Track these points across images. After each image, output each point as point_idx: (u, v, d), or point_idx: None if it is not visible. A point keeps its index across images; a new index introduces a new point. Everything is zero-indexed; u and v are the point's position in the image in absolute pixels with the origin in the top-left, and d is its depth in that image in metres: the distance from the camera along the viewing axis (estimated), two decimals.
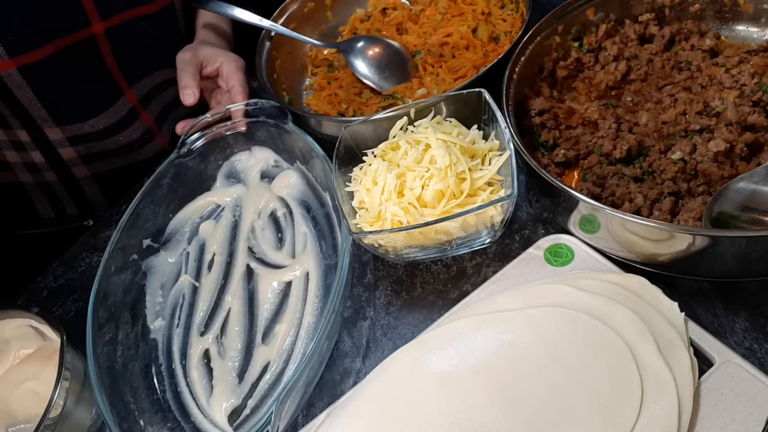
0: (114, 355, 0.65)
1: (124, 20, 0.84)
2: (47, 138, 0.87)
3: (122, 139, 0.92)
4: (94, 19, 0.81)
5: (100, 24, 0.81)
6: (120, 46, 0.86)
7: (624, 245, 0.58)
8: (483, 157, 0.66)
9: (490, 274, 0.65)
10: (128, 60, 0.88)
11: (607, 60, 0.76)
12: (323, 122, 0.79)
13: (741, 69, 0.67)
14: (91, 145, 0.90)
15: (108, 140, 0.91)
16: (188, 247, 0.77)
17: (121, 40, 0.85)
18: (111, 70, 0.87)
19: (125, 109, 0.90)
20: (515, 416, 0.53)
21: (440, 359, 0.58)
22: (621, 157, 0.65)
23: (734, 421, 0.50)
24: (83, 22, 0.80)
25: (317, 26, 0.99)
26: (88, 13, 0.80)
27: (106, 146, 0.91)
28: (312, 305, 0.68)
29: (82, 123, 0.87)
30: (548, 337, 0.56)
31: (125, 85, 0.89)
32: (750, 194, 0.56)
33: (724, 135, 0.62)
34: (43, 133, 0.86)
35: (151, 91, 0.93)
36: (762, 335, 0.56)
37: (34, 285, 0.81)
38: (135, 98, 0.91)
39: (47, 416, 0.56)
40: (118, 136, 0.91)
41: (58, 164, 0.91)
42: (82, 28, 0.81)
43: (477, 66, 0.83)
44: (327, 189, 0.75)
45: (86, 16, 0.80)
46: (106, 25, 0.82)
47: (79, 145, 0.89)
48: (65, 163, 0.91)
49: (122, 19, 0.84)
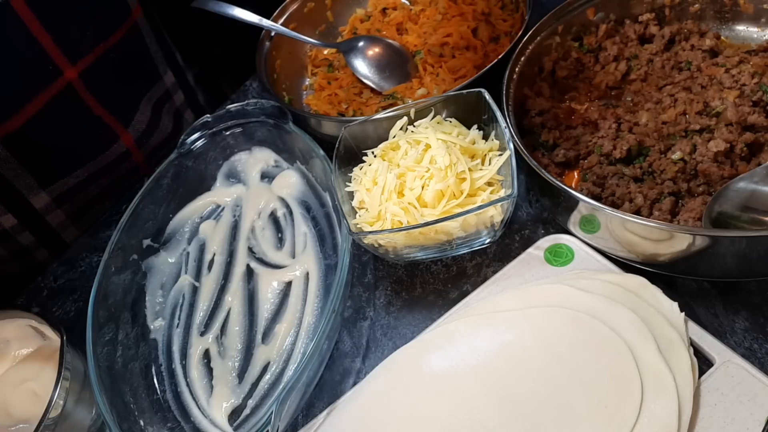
0: (114, 355, 0.65)
1: (96, 57, 0.77)
2: (33, 208, 0.78)
3: (105, 181, 0.85)
4: (64, 65, 0.73)
5: (71, 69, 0.74)
6: (98, 87, 0.78)
7: (624, 245, 0.58)
8: (483, 157, 0.66)
9: (490, 274, 0.65)
10: (111, 99, 0.81)
11: (607, 60, 0.76)
12: (323, 122, 0.79)
13: (741, 69, 0.67)
14: (79, 197, 0.83)
15: (93, 185, 0.84)
16: (188, 247, 0.77)
17: (98, 81, 0.78)
18: (100, 116, 0.80)
19: (115, 154, 0.84)
20: (515, 416, 0.53)
21: (440, 359, 0.58)
22: (621, 157, 0.65)
23: (734, 421, 0.50)
24: (54, 71, 0.73)
25: (317, 26, 0.99)
26: (56, 60, 0.72)
27: (92, 192, 0.85)
28: (312, 305, 0.68)
29: (68, 177, 0.80)
30: (548, 337, 0.56)
31: (120, 128, 0.83)
32: (750, 194, 0.56)
33: (724, 135, 0.62)
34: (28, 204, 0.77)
35: (148, 128, 0.87)
36: (762, 335, 0.56)
37: (34, 285, 0.81)
38: (132, 139, 0.85)
39: (47, 416, 0.56)
40: (102, 180, 0.85)
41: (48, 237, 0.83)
42: (55, 79, 0.73)
43: (477, 66, 0.83)
44: (327, 189, 0.75)
45: (55, 64, 0.72)
46: (78, 68, 0.75)
47: (66, 203, 0.82)
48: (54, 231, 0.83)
49: (95, 57, 0.76)
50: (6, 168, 0.73)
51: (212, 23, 0.93)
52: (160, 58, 0.89)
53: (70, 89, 0.75)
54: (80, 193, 0.83)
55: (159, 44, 0.89)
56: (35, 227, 0.81)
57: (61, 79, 0.74)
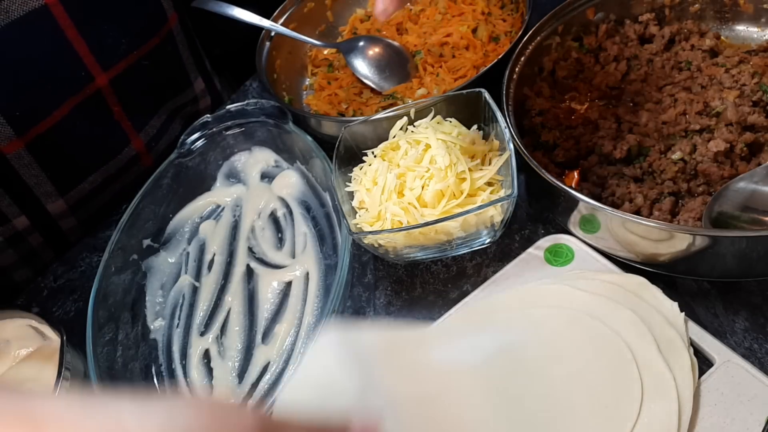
0: (114, 355, 0.65)
1: (128, 65, 0.77)
2: (48, 214, 0.78)
3: (117, 186, 0.85)
4: (97, 72, 0.73)
5: (103, 76, 0.74)
6: (126, 94, 0.78)
7: (624, 245, 0.58)
8: (483, 157, 0.66)
9: (490, 274, 0.65)
10: (135, 106, 0.81)
11: (607, 60, 0.76)
12: (323, 122, 0.79)
13: (741, 69, 0.67)
14: (91, 204, 0.83)
15: (105, 191, 0.84)
16: (188, 247, 0.77)
17: (126, 88, 0.78)
18: (119, 121, 0.79)
19: (127, 158, 0.83)
20: (515, 416, 0.53)
21: (440, 359, 0.58)
22: (621, 157, 0.65)
23: (734, 421, 0.50)
24: (86, 78, 0.73)
25: (317, 26, 0.99)
26: (89, 67, 0.72)
27: (104, 199, 0.84)
28: (312, 305, 0.68)
29: (84, 183, 0.80)
30: (548, 337, 0.56)
31: (134, 133, 0.82)
32: (750, 194, 0.56)
33: (724, 135, 0.62)
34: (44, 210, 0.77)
35: (159, 132, 0.87)
36: (762, 335, 0.56)
37: (34, 285, 0.81)
38: (142, 143, 0.84)
39: None
40: (114, 185, 0.85)
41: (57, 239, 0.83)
42: (86, 84, 0.73)
43: (477, 66, 0.83)
44: (327, 189, 0.75)
45: (87, 71, 0.72)
46: (110, 75, 0.75)
47: (80, 209, 0.82)
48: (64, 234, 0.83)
49: (127, 64, 0.76)
50: (28, 174, 0.73)
51: (212, 23, 0.94)
52: (192, 65, 0.90)
53: (98, 95, 0.75)
54: (94, 199, 0.83)
55: (191, 51, 0.89)
56: (46, 230, 0.80)
57: (92, 86, 0.74)
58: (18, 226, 0.77)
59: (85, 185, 0.80)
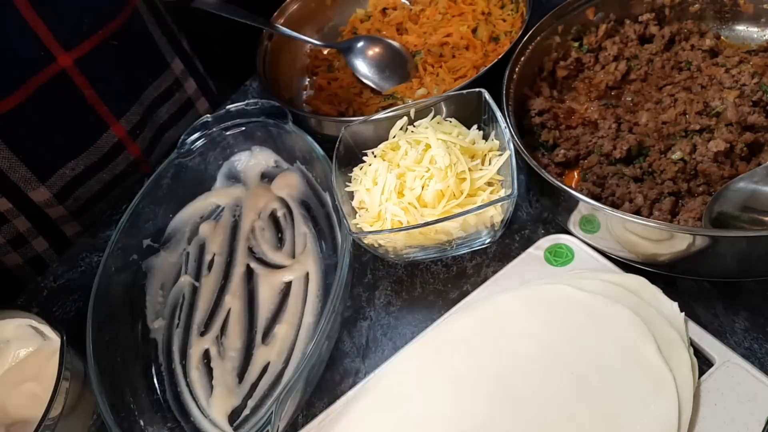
0: (114, 355, 0.65)
1: (94, 46, 0.75)
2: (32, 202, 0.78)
3: (105, 176, 0.84)
4: (58, 51, 0.72)
5: (66, 56, 0.72)
6: (97, 76, 0.77)
7: (624, 245, 0.58)
8: (483, 157, 0.66)
9: (490, 274, 0.65)
10: (109, 89, 0.79)
11: (607, 60, 0.76)
12: (323, 122, 0.79)
13: (741, 69, 0.67)
14: (79, 193, 0.82)
15: (92, 180, 0.83)
16: (188, 247, 0.77)
17: (96, 69, 0.76)
18: (93, 104, 0.78)
19: (108, 145, 0.82)
20: (515, 416, 0.53)
21: (440, 360, 0.58)
22: (621, 157, 0.65)
23: (734, 421, 0.50)
24: (46, 58, 0.71)
25: (317, 26, 0.99)
26: (49, 47, 0.71)
27: (93, 188, 0.84)
28: (312, 305, 0.68)
29: (63, 168, 0.79)
30: (548, 337, 0.56)
31: (112, 118, 0.81)
32: (750, 194, 0.56)
33: (724, 135, 0.62)
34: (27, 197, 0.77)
35: (142, 118, 0.86)
36: (762, 335, 0.56)
37: (34, 285, 0.81)
38: (124, 130, 0.83)
39: (47, 416, 0.56)
40: (101, 174, 0.84)
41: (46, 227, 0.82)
42: (47, 64, 0.72)
43: (477, 66, 0.83)
44: (327, 189, 0.75)
45: (47, 51, 0.71)
46: (73, 55, 0.73)
47: (68, 199, 0.82)
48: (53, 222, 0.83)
49: (92, 45, 0.75)
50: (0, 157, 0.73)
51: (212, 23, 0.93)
52: (166, 45, 0.89)
53: (63, 76, 0.74)
54: (80, 187, 0.83)
55: (163, 32, 0.88)
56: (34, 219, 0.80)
57: (54, 65, 0.73)
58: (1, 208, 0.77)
59: (66, 171, 0.80)
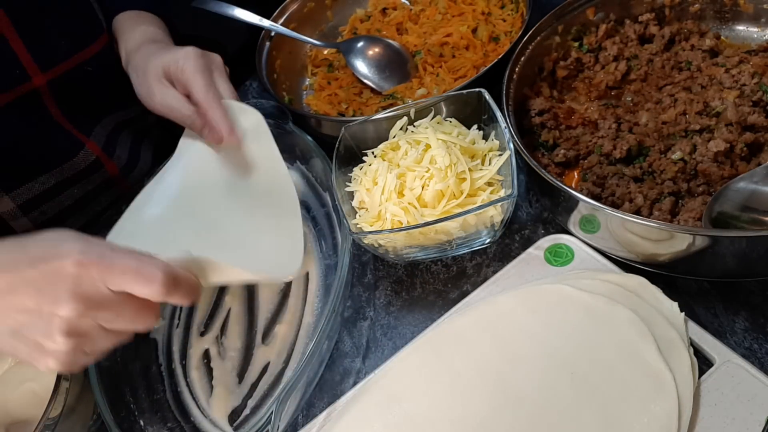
0: (114, 355, 0.65)
1: (68, 69, 0.76)
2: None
3: (77, 192, 0.83)
4: (34, 72, 0.72)
5: (41, 76, 0.73)
6: (65, 97, 0.77)
7: (624, 245, 0.58)
8: (483, 157, 0.66)
9: (490, 274, 0.65)
10: (77, 110, 0.79)
11: (607, 60, 0.76)
12: (323, 122, 0.79)
13: (741, 69, 0.67)
14: (47, 207, 0.81)
15: (63, 195, 0.82)
16: None
17: (66, 91, 0.77)
18: (61, 123, 0.78)
19: (85, 162, 0.81)
20: (515, 416, 0.53)
21: (440, 360, 0.58)
22: (621, 157, 0.65)
23: (734, 421, 0.50)
24: (21, 77, 0.72)
25: (317, 26, 0.99)
26: (26, 67, 0.71)
27: (63, 203, 0.83)
28: (312, 305, 0.68)
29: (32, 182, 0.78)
30: (548, 337, 0.56)
31: (83, 137, 0.81)
32: (750, 194, 0.55)
33: (724, 135, 0.62)
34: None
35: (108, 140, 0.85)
36: (762, 335, 0.56)
37: None
38: (99, 149, 0.83)
39: (47, 416, 0.56)
40: (74, 189, 0.83)
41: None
42: (21, 83, 0.72)
43: (477, 66, 0.83)
44: (327, 189, 0.75)
45: (24, 70, 0.71)
46: (48, 76, 0.74)
47: (33, 211, 0.80)
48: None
49: (67, 68, 0.76)
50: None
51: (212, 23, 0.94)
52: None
53: (33, 94, 0.74)
54: (50, 201, 0.81)
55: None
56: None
57: (28, 85, 0.73)
58: None
59: (35, 185, 0.79)
